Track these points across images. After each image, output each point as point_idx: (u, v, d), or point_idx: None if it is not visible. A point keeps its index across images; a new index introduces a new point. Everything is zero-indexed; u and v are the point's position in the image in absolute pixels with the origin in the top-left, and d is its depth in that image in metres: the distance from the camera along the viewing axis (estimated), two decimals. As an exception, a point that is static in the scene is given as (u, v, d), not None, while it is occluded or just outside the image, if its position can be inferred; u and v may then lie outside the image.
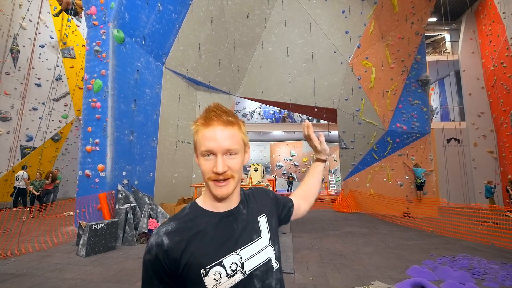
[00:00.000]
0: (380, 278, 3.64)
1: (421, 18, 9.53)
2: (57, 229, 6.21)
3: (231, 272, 0.72)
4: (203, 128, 0.74)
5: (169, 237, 0.72)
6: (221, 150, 0.72)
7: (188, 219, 0.76)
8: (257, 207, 0.87)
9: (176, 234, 0.72)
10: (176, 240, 0.71)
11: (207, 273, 0.70)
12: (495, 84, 12.27)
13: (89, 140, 6.24)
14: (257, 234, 0.81)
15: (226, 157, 0.73)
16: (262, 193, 0.94)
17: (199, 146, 0.74)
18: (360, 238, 5.91)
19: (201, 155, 0.74)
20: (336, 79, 10.34)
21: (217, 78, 10.14)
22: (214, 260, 0.71)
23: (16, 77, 10.43)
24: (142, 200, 6.46)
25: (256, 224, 0.83)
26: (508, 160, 11.57)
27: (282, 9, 10.21)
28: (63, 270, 3.81)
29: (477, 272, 3.91)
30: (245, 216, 0.82)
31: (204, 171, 0.73)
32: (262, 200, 0.91)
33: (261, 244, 0.80)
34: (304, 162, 19.88)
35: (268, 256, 0.81)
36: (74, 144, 12.69)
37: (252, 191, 0.93)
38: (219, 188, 0.73)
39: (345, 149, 10.45)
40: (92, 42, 6.48)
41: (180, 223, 0.75)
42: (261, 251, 0.79)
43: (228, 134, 0.73)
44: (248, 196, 0.89)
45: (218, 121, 0.73)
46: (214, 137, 0.72)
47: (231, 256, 0.74)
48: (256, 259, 0.77)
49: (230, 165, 0.73)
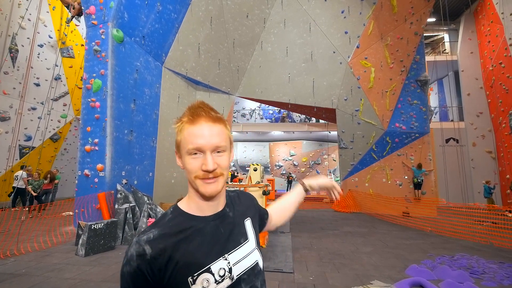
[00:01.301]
0: (379, 278, 3.65)
1: (420, 18, 9.55)
2: (56, 229, 6.20)
3: (219, 278, 0.69)
4: (189, 125, 0.70)
5: (152, 245, 0.65)
6: (210, 147, 0.69)
7: (172, 225, 0.71)
8: (242, 210, 0.86)
9: (159, 241, 0.66)
10: (160, 247, 0.65)
11: (195, 281, 0.66)
12: (494, 84, 12.31)
13: (88, 140, 6.23)
14: (244, 237, 0.80)
15: (214, 155, 0.70)
16: (247, 197, 0.94)
17: (185, 144, 0.70)
18: (359, 238, 5.92)
19: (187, 153, 0.70)
20: (335, 79, 10.36)
21: (216, 78, 10.14)
22: (202, 266, 0.68)
23: (14, 76, 10.40)
24: (142, 200, 6.46)
25: (242, 228, 0.82)
26: (506, 160, 11.61)
27: (282, 9, 10.22)
28: (62, 270, 3.80)
29: (476, 271, 3.93)
30: (231, 219, 0.80)
31: (191, 170, 0.69)
32: (246, 203, 0.91)
33: (248, 247, 0.79)
34: (303, 162, 19.89)
35: (256, 260, 0.79)
36: (73, 144, 12.67)
37: (237, 194, 0.92)
38: (208, 186, 0.69)
39: (344, 149, 10.46)
40: (91, 42, 6.47)
41: (163, 229, 0.69)
42: (248, 254, 0.78)
43: (216, 130, 0.71)
44: (233, 198, 0.87)
45: (207, 118, 0.70)
46: (202, 134, 0.69)
47: (219, 261, 0.71)
48: (244, 263, 0.76)
49: (219, 162, 0.70)
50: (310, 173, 20.12)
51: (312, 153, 20.03)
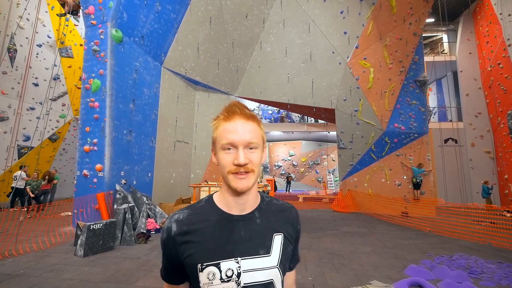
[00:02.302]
0: (378, 278, 3.65)
1: (419, 18, 9.58)
2: (55, 230, 6.18)
3: (226, 278, 0.70)
4: (224, 122, 0.74)
5: (178, 225, 0.75)
6: (243, 142, 0.72)
7: (200, 212, 0.78)
8: (276, 223, 0.80)
9: (184, 224, 0.75)
10: (184, 229, 0.75)
11: (203, 270, 0.71)
12: (492, 85, 12.35)
13: (87, 140, 6.21)
14: (265, 250, 0.75)
15: (246, 151, 0.72)
16: (293, 215, 0.86)
17: (220, 140, 0.74)
18: (358, 238, 5.93)
19: (221, 149, 0.73)
20: (335, 79, 10.37)
21: (215, 78, 10.14)
22: (211, 259, 0.71)
23: (13, 76, 10.36)
24: (141, 200, 6.45)
25: (268, 240, 0.77)
26: (505, 160, 11.65)
27: (281, 9, 10.23)
28: (60, 271, 3.79)
29: (474, 271, 3.94)
30: (256, 226, 0.77)
31: (224, 165, 0.72)
32: (288, 220, 0.83)
33: (267, 262, 0.74)
34: (302, 162, 19.90)
35: (271, 279, 0.74)
36: (72, 144, 12.63)
37: (281, 204, 0.86)
38: (240, 181, 0.72)
39: (344, 149, 10.47)
40: (90, 42, 6.45)
41: (192, 214, 0.78)
42: (264, 269, 0.73)
43: (249, 127, 0.73)
44: (270, 204, 0.84)
45: (241, 115, 0.74)
46: (236, 129, 0.72)
47: (230, 261, 0.71)
48: (256, 276, 0.72)
49: (251, 158, 0.72)
50: (309, 173, 20.14)
51: (311, 153, 20.05)
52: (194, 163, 9.94)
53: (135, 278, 3.54)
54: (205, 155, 10.10)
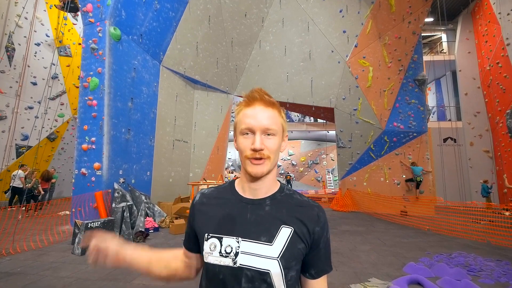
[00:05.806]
0: (377, 275, 3.65)
1: (418, 17, 9.58)
2: (53, 228, 6.15)
3: (224, 253, 0.74)
4: (245, 108, 0.77)
5: (200, 196, 0.86)
6: (260, 128, 0.73)
7: (219, 190, 0.86)
8: (288, 216, 0.76)
9: (205, 196, 0.86)
10: (202, 201, 0.85)
11: (207, 239, 0.77)
12: (491, 84, 12.36)
13: (85, 139, 6.19)
14: (267, 239, 0.73)
15: (264, 137, 0.74)
16: (311, 215, 0.78)
17: (239, 125, 0.76)
18: (357, 236, 5.92)
19: (240, 133, 0.76)
20: (334, 78, 10.36)
21: (214, 77, 10.11)
22: (216, 233, 0.76)
23: (11, 75, 10.32)
24: (139, 199, 6.43)
25: (274, 230, 0.74)
26: (503, 159, 11.66)
27: (280, 8, 10.21)
28: (58, 269, 3.77)
29: (473, 269, 3.94)
30: (263, 213, 0.76)
31: (242, 149, 0.75)
32: (303, 217, 0.77)
33: (266, 251, 0.72)
34: (301, 162, 19.90)
35: (267, 269, 0.71)
36: (71, 143, 12.59)
37: (303, 201, 0.80)
38: (255, 167, 0.74)
39: (343, 148, 10.47)
40: (88, 40, 6.42)
41: (214, 190, 0.87)
42: (262, 257, 0.71)
43: (268, 114, 0.75)
44: (288, 197, 0.80)
45: (261, 101, 0.75)
46: (254, 115, 0.74)
47: (231, 239, 0.74)
48: (252, 261, 0.71)
49: (267, 144, 0.74)
50: (309, 173, 20.14)
51: (310, 152, 20.05)
52: (193, 162, 9.92)
53: (132, 276, 3.52)
54: (204, 154, 10.08)
